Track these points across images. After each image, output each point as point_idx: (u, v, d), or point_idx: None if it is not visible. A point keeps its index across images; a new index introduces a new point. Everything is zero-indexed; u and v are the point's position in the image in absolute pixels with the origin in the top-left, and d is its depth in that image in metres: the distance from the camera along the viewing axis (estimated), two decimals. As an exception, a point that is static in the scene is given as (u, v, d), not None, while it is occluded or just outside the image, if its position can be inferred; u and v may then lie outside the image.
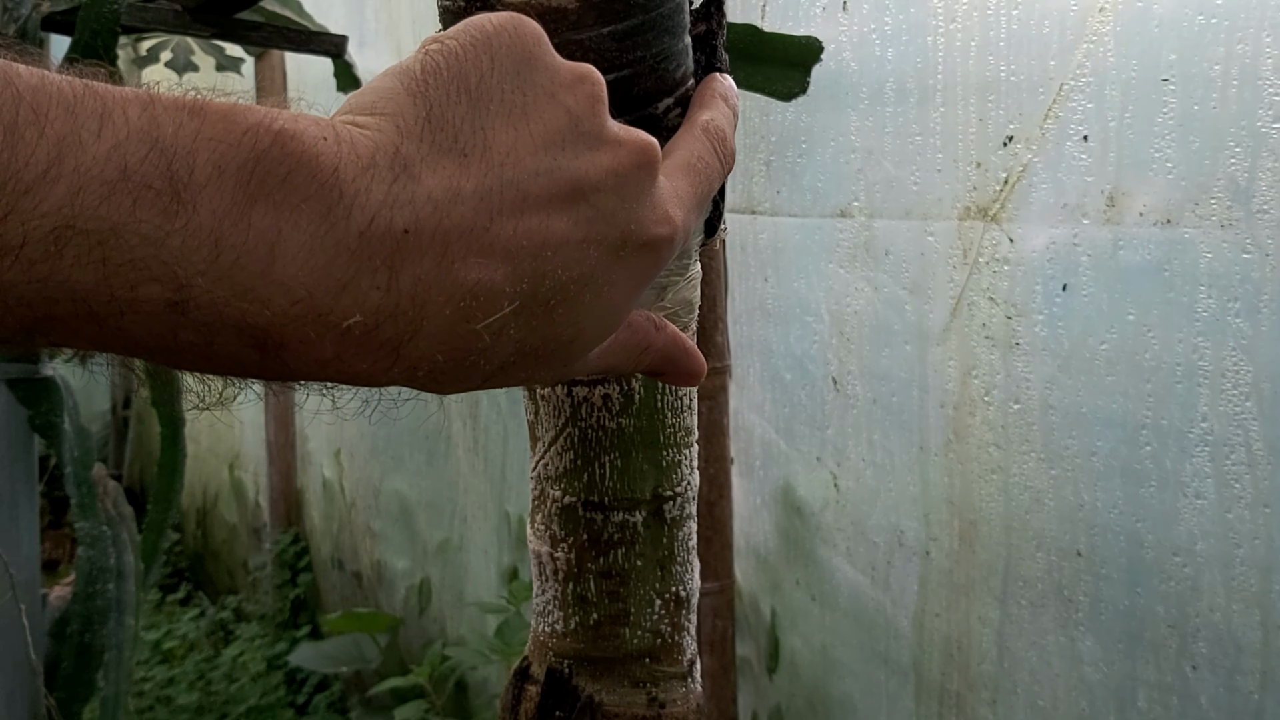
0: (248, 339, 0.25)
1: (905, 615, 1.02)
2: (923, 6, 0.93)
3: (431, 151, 0.27)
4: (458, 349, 0.28)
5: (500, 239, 0.27)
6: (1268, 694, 0.75)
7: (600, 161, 0.30)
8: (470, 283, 0.27)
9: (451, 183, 0.27)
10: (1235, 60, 0.73)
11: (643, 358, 0.36)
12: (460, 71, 0.28)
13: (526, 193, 0.28)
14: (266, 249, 0.24)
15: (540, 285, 0.28)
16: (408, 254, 0.26)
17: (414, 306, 0.26)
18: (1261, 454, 0.74)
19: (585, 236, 0.29)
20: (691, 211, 0.34)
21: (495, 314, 0.27)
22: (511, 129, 0.28)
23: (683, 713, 0.45)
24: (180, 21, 1.36)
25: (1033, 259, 0.87)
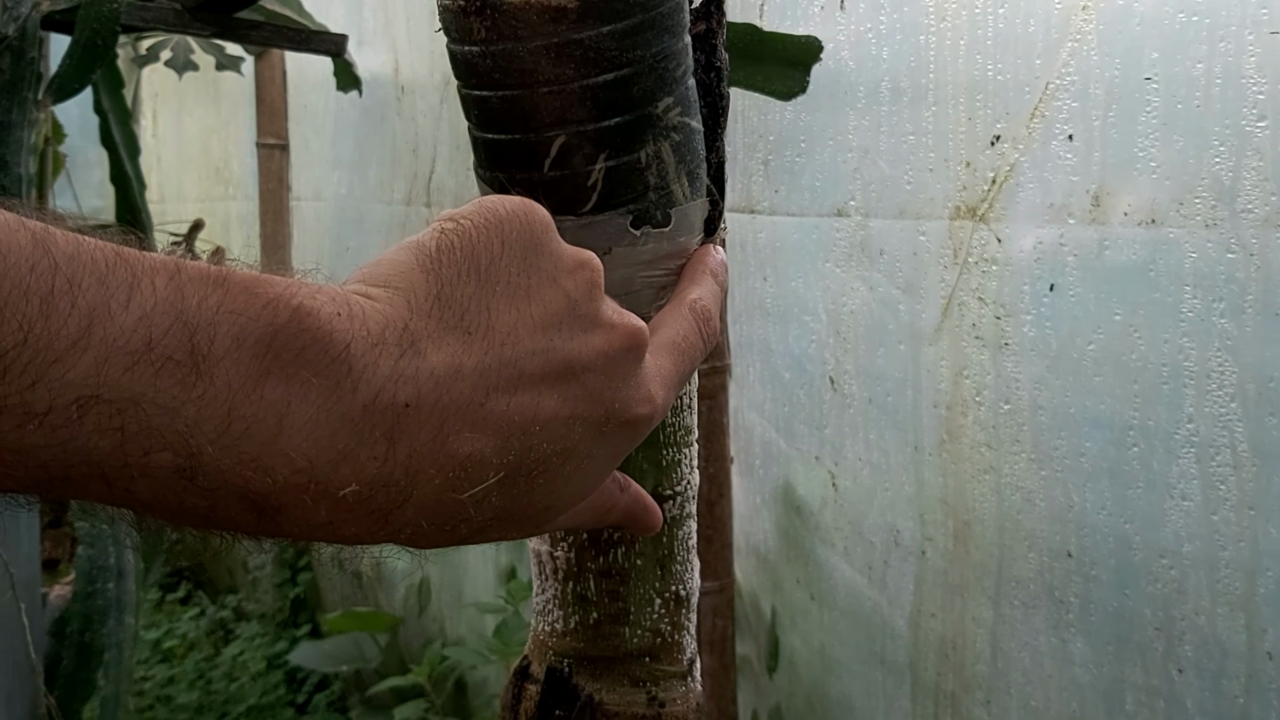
0: (248, 504, 0.26)
1: (901, 615, 1.02)
2: (915, 6, 0.93)
3: (438, 328, 0.28)
4: (442, 515, 0.29)
5: (494, 414, 0.29)
6: (1253, 698, 0.75)
7: (593, 343, 0.31)
8: (462, 455, 0.28)
9: (454, 360, 0.28)
10: (1218, 59, 0.73)
11: (606, 517, 0.38)
12: (472, 252, 0.30)
13: (522, 371, 0.29)
14: (275, 420, 0.25)
15: (526, 458, 0.30)
16: (406, 427, 0.27)
17: (406, 477, 0.27)
18: (1246, 456, 0.74)
19: (572, 413, 0.31)
20: (672, 389, 0.35)
21: (482, 484, 0.29)
22: (514, 309, 0.30)
23: (682, 712, 0.45)
24: (180, 20, 1.37)
25: (1020, 259, 0.87)
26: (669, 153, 0.39)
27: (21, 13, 1.13)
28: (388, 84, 1.91)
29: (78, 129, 1.97)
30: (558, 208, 0.39)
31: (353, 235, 2.16)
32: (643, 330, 0.33)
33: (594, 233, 0.39)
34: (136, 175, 1.41)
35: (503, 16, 0.36)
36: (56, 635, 1.39)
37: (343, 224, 2.21)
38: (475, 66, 0.37)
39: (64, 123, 1.93)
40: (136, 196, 1.41)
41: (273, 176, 2.41)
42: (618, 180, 0.38)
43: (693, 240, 0.42)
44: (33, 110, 1.18)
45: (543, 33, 0.36)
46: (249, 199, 2.59)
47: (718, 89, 0.44)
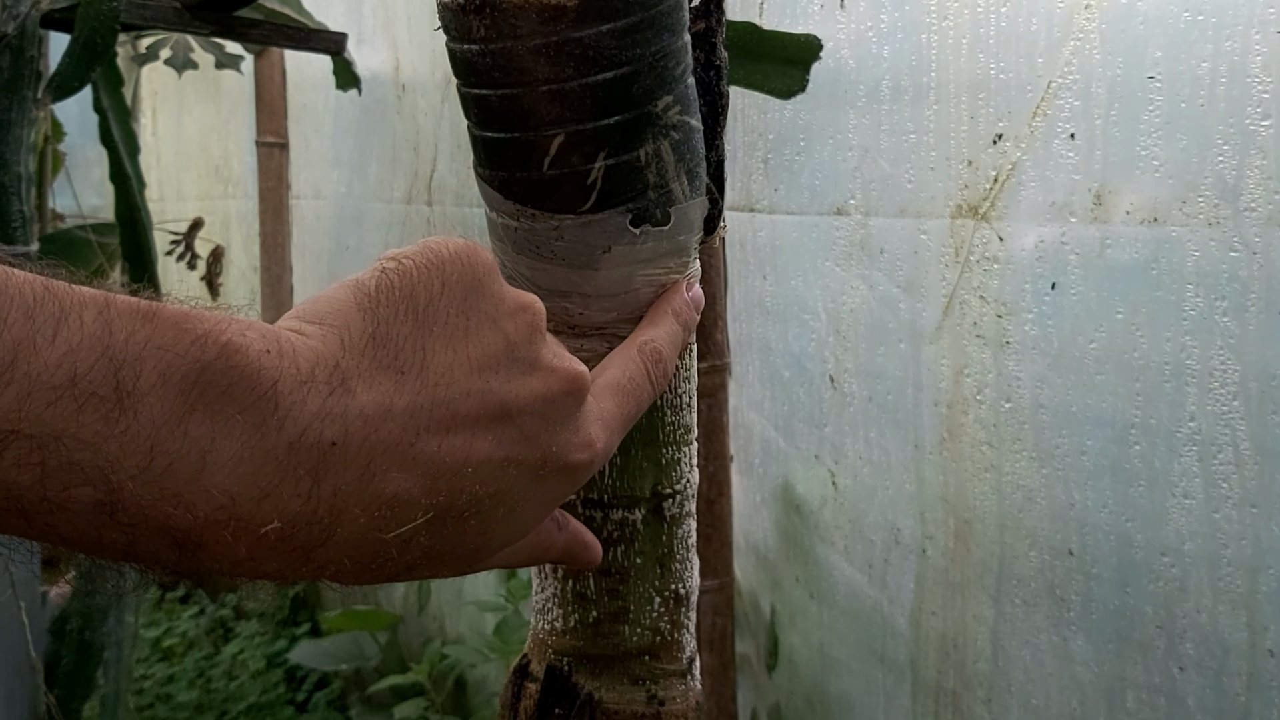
0: (169, 539, 0.26)
1: (902, 613, 1.02)
2: (917, 4, 0.93)
3: (370, 367, 0.28)
4: (366, 554, 0.29)
5: (424, 455, 0.29)
6: (1254, 695, 0.75)
7: (530, 386, 0.32)
8: (388, 495, 0.28)
9: (385, 399, 0.28)
10: (1223, 58, 0.73)
11: (543, 556, 0.38)
12: (411, 292, 0.30)
13: (456, 412, 0.29)
14: (198, 456, 0.25)
15: (456, 499, 0.30)
16: (332, 465, 0.27)
17: (330, 515, 0.27)
18: (1249, 454, 0.74)
19: (507, 456, 0.31)
20: (615, 432, 0.35)
21: (408, 524, 0.29)
22: (451, 350, 0.30)
23: (682, 710, 0.46)
24: (179, 19, 1.36)
25: (1022, 257, 0.87)
26: (668, 151, 0.39)
27: (21, 11, 1.13)
28: (388, 82, 1.91)
29: (77, 127, 1.97)
30: (557, 206, 0.39)
31: (352, 234, 2.16)
32: (583, 375, 0.34)
33: (593, 231, 0.39)
34: (136, 174, 1.41)
35: (502, 15, 0.36)
36: (56, 634, 1.39)
37: (342, 222, 2.21)
38: (474, 65, 0.37)
39: (63, 121, 1.93)
40: (136, 195, 1.41)
41: (272, 175, 2.41)
42: (617, 179, 0.38)
43: (692, 239, 0.42)
44: (32, 108, 1.18)
45: (542, 31, 0.36)
46: (248, 197, 2.59)
47: (717, 87, 0.44)
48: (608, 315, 0.41)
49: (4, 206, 1.15)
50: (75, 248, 1.78)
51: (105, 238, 1.78)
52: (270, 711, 2.18)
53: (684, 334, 0.41)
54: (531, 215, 0.39)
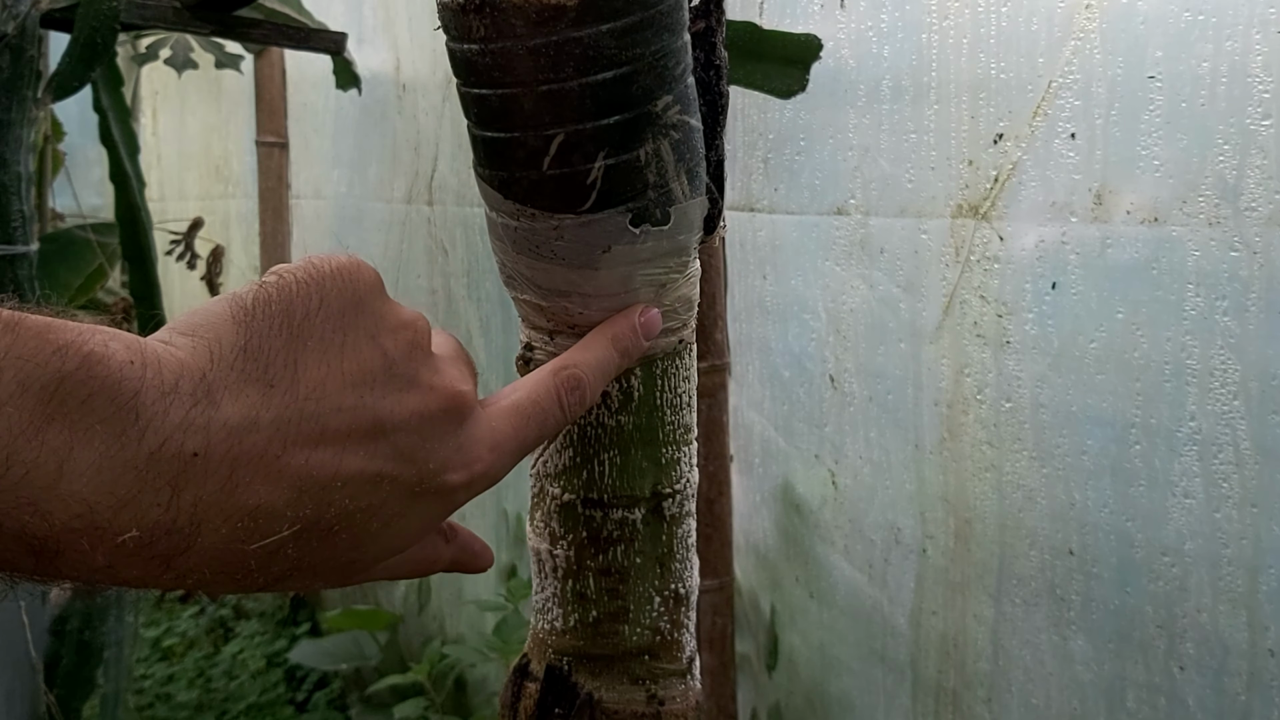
0: (25, 546, 0.26)
1: (902, 613, 1.02)
2: (918, 4, 0.93)
3: (238, 379, 0.28)
4: (229, 565, 0.28)
5: (290, 468, 0.29)
6: (1254, 695, 0.75)
7: (407, 403, 0.31)
8: (250, 506, 0.28)
9: (251, 412, 0.28)
10: (1224, 57, 0.73)
11: (428, 569, 0.38)
12: (288, 306, 0.30)
13: (325, 426, 0.29)
14: (56, 465, 0.25)
15: (325, 513, 0.29)
16: (193, 476, 0.27)
17: (191, 524, 0.27)
18: (1249, 453, 0.74)
19: (379, 472, 0.30)
20: (506, 455, 0.35)
21: (273, 536, 0.29)
22: (324, 365, 0.30)
23: (682, 710, 0.46)
24: (179, 18, 1.36)
25: (1022, 257, 0.87)
26: (668, 151, 0.39)
27: (21, 10, 1.13)
28: (388, 82, 1.91)
29: (77, 127, 1.97)
30: (557, 206, 0.39)
31: (352, 233, 2.16)
32: (464, 394, 0.33)
33: (593, 231, 0.39)
34: (136, 173, 1.41)
35: (502, 15, 0.36)
36: (56, 633, 1.39)
37: (342, 222, 2.21)
38: (474, 65, 0.37)
39: (63, 120, 1.93)
40: (136, 194, 1.41)
41: (272, 175, 2.41)
42: (617, 178, 0.38)
43: (692, 238, 0.42)
44: (32, 108, 1.18)
45: (542, 31, 0.36)
46: (249, 197, 2.59)
47: (717, 87, 0.44)
48: (607, 315, 0.41)
49: (4, 206, 1.15)
50: (75, 247, 1.78)
51: (105, 237, 1.78)
52: (270, 711, 2.18)
53: (619, 360, 0.40)
54: (531, 215, 0.39)
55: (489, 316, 1.70)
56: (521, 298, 0.43)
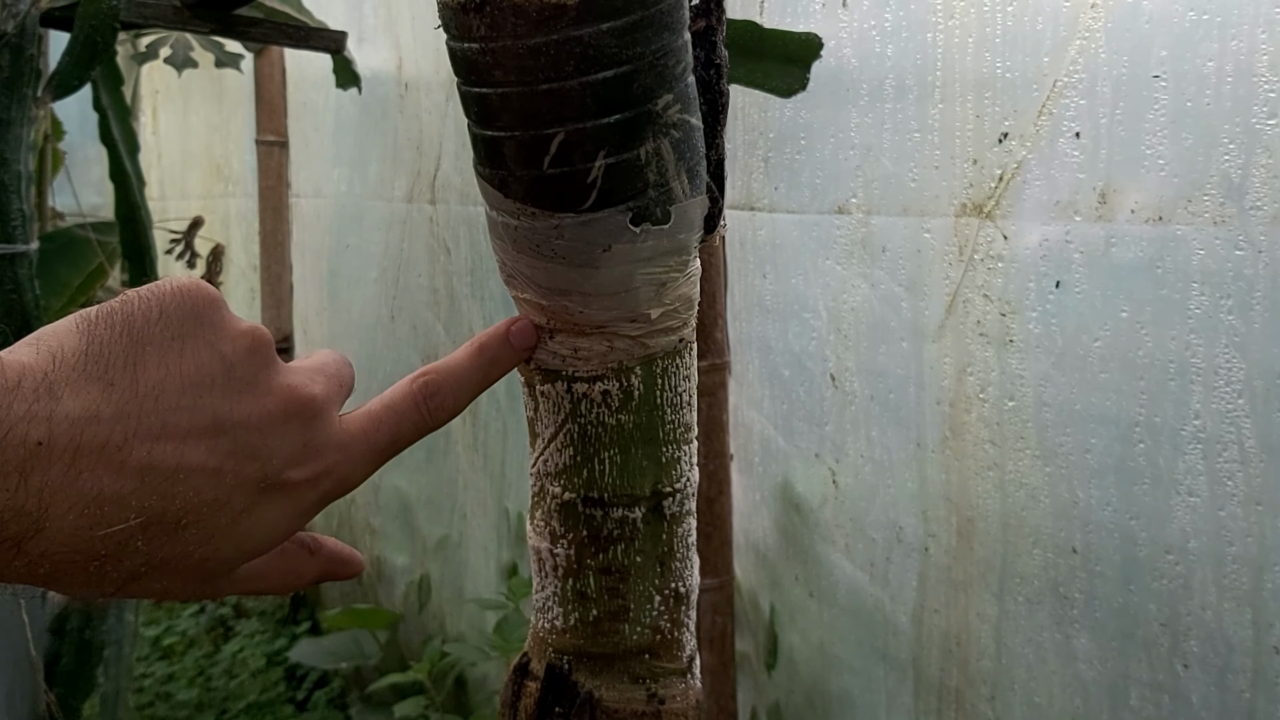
0: None
1: (904, 611, 1.02)
2: (923, 3, 0.93)
3: (80, 378, 0.30)
4: (80, 551, 0.30)
5: (133, 460, 0.30)
6: (1259, 693, 0.75)
7: (246, 403, 0.33)
8: (94, 492, 0.30)
9: (92, 406, 0.30)
10: (1228, 56, 0.73)
11: (297, 582, 0.39)
12: (129, 317, 0.32)
13: (167, 422, 0.31)
14: None
15: (170, 504, 0.31)
16: (38, 463, 0.29)
17: (38, 508, 0.29)
18: (1254, 451, 0.74)
19: (220, 466, 0.32)
20: (357, 456, 0.37)
21: (120, 524, 0.30)
22: (163, 368, 0.32)
23: (682, 709, 0.45)
24: (179, 17, 1.36)
25: (1026, 256, 0.87)
26: (669, 150, 0.39)
27: (21, 9, 1.13)
28: (389, 81, 1.91)
29: (77, 126, 1.97)
30: (557, 205, 0.39)
31: (352, 232, 2.16)
32: (308, 397, 0.35)
33: (593, 230, 0.39)
34: (135, 172, 1.41)
35: (502, 14, 0.36)
36: (56, 632, 1.39)
37: (343, 221, 2.21)
38: (475, 64, 0.37)
39: (63, 120, 1.93)
40: (135, 193, 1.41)
41: (272, 174, 2.41)
42: (617, 177, 0.38)
43: (693, 237, 0.42)
44: (32, 107, 1.18)
45: (542, 30, 0.36)
46: (249, 196, 2.59)
47: (717, 86, 0.44)
48: (608, 314, 0.41)
49: (4, 205, 1.15)
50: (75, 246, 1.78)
51: (105, 236, 1.78)
52: (270, 710, 2.18)
53: (485, 367, 0.42)
54: (532, 214, 0.39)
55: (492, 315, 1.70)
56: (522, 296, 0.43)
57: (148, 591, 0.33)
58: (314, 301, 2.38)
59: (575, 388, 0.43)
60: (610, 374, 0.42)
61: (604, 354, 0.42)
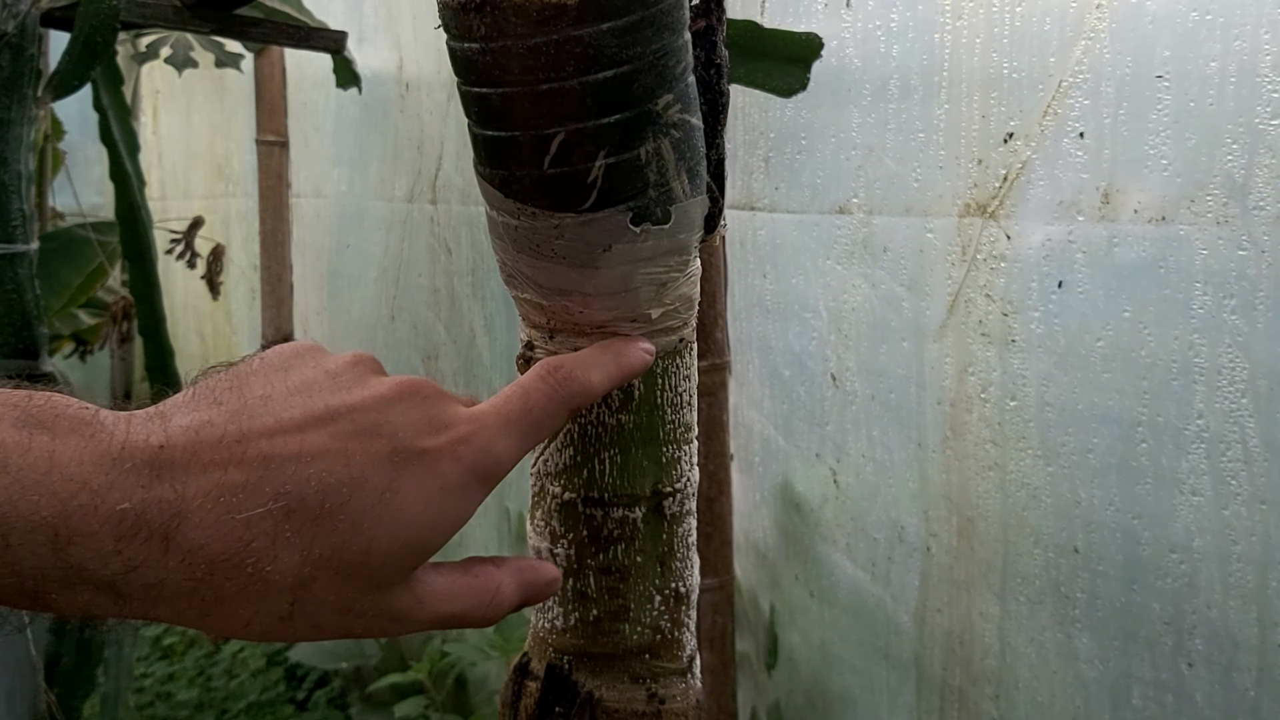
0: (39, 536, 0.29)
1: (906, 611, 1.02)
2: (931, 4, 0.93)
3: (186, 406, 0.33)
4: (228, 540, 0.31)
5: (252, 451, 0.32)
6: (1264, 690, 0.75)
7: (358, 393, 0.34)
8: (222, 482, 0.31)
9: (202, 416, 0.32)
10: (1232, 57, 0.73)
11: (495, 601, 0.37)
12: (231, 367, 0.35)
13: (279, 418, 0.32)
14: (46, 458, 0.29)
15: (305, 488, 0.32)
16: (164, 461, 0.31)
17: (175, 496, 0.30)
18: (1258, 451, 0.74)
19: (344, 447, 0.33)
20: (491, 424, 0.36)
21: (257, 508, 0.31)
22: (269, 385, 0.34)
23: (682, 708, 0.45)
24: (179, 17, 1.36)
25: (1029, 256, 0.87)
26: (669, 150, 0.39)
27: (21, 9, 1.13)
28: (390, 81, 1.91)
29: (77, 126, 1.97)
30: (558, 204, 0.39)
31: (353, 232, 2.16)
32: (424, 381, 0.36)
33: (594, 230, 0.39)
34: (136, 172, 1.41)
35: (502, 14, 0.36)
36: (56, 632, 1.39)
37: (343, 221, 2.21)
38: (475, 63, 0.37)
39: (63, 119, 1.93)
40: (135, 193, 1.41)
41: (272, 173, 2.41)
42: (618, 177, 0.38)
43: (693, 237, 0.42)
44: (32, 107, 1.18)
45: (542, 30, 0.36)
46: (249, 196, 2.59)
47: (717, 86, 0.44)
48: (608, 313, 0.41)
49: (4, 205, 1.15)
50: (75, 246, 1.78)
51: (105, 236, 1.78)
52: (270, 710, 2.18)
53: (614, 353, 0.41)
54: (532, 214, 0.39)
55: (493, 315, 1.70)
56: (522, 296, 0.43)
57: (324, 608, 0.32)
58: (314, 301, 2.38)
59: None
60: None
61: (604, 354, 0.42)
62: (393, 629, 0.34)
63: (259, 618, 0.32)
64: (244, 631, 0.32)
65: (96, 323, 2.09)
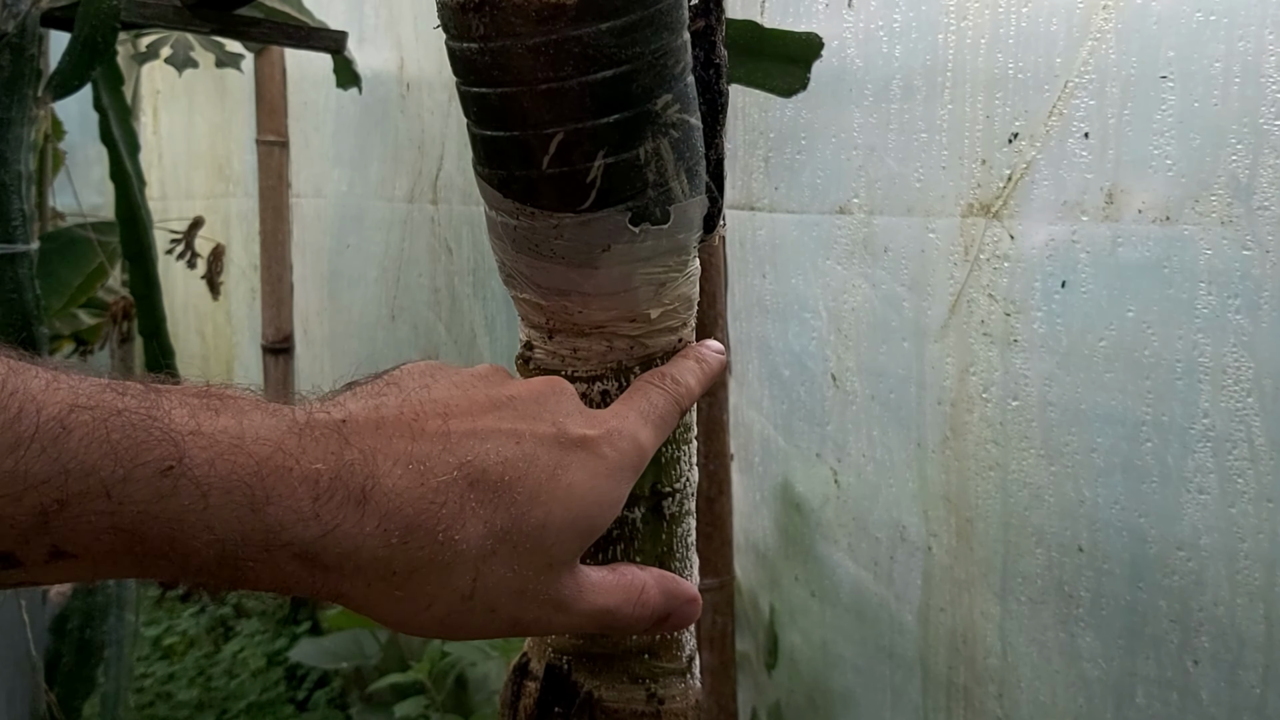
0: (238, 496, 0.30)
1: (910, 610, 1.02)
2: (934, 4, 0.93)
3: (353, 398, 0.34)
4: (420, 503, 0.32)
5: (430, 429, 0.34)
6: (1270, 688, 0.75)
7: (511, 387, 0.37)
8: (411, 449, 0.33)
9: (372, 400, 0.34)
10: (1236, 57, 0.73)
11: (643, 597, 0.39)
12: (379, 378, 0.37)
13: (448, 407, 0.35)
14: (237, 426, 0.30)
15: (485, 460, 0.34)
16: (350, 431, 0.32)
17: (365, 461, 0.32)
18: (1264, 449, 0.74)
19: (514, 427, 0.35)
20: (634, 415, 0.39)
21: (444, 475, 0.33)
22: (423, 384, 0.36)
23: (682, 709, 0.45)
24: (180, 17, 1.36)
25: (1032, 256, 0.87)
26: (668, 150, 0.39)
27: (21, 9, 1.13)
28: (390, 81, 1.91)
29: (77, 126, 1.97)
30: (557, 204, 0.38)
31: (353, 232, 2.16)
32: (560, 380, 0.39)
33: (593, 230, 0.39)
34: (136, 172, 1.41)
35: (501, 13, 0.36)
36: (57, 632, 1.39)
37: (343, 221, 2.21)
38: (474, 63, 0.37)
39: (64, 119, 1.93)
40: (136, 193, 1.41)
41: (272, 173, 2.41)
42: (617, 177, 0.38)
43: (692, 237, 0.42)
44: (32, 107, 1.18)
45: (541, 29, 0.36)
46: (249, 196, 2.59)
47: (717, 86, 0.43)
48: (607, 314, 0.41)
49: (4, 205, 1.15)
50: (75, 246, 1.78)
51: (105, 236, 1.78)
52: (270, 710, 2.18)
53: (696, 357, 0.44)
54: (531, 214, 0.39)
55: (494, 315, 1.70)
56: (521, 296, 0.43)
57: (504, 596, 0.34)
58: (315, 301, 2.38)
59: (575, 387, 0.43)
60: (610, 374, 0.42)
61: (603, 354, 0.42)
62: (557, 620, 0.36)
63: (443, 595, 0.33)
64: (424, 615, 0.33)
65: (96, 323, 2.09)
